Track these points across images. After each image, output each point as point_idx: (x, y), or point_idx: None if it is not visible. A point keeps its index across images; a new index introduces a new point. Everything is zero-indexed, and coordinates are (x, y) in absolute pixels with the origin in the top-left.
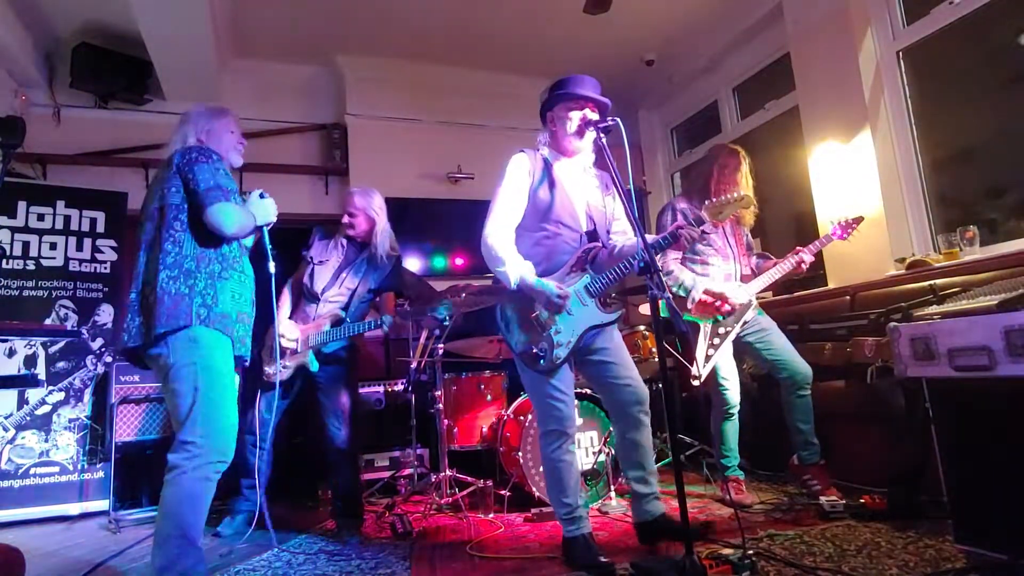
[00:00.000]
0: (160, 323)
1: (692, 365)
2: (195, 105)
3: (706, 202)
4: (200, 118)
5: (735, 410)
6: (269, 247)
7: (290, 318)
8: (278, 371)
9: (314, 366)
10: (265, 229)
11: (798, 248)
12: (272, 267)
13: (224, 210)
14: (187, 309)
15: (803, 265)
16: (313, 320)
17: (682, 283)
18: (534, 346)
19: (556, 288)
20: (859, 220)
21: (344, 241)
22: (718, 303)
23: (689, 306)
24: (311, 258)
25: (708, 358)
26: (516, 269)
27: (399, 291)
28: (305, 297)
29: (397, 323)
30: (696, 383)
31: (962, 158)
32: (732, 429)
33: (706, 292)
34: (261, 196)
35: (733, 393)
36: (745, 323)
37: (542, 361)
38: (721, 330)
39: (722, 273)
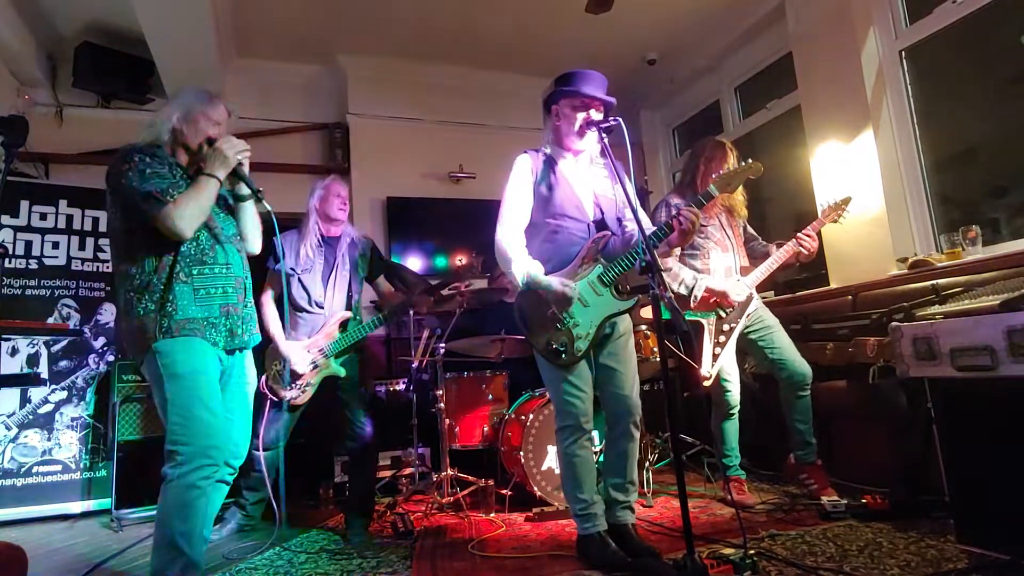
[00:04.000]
0: (132, 350)
1: (699, 366)
2: (186, 88)
3: (713, 175)
4: (184, 98)
5: (736, 410)
6: (250, 185)
7: (287, 338)
8: (300, 391)
9: (342, 372)
10: (240, 168)
11: (795, 235)
12: (268, 207)
13: (166, 217)
14: (150, 328)
15: (803, 244)
16: (320, 330)
17: (683, 281)
18: (554, 342)
19: (559, 284)
20: (847, 201)
21: (315, 243)
22: (719, 300)
23: (692, 304)
24: (292, 270)
25: (715, 357)
26: (523, 268)
27: (393, 275)
28: (302, 311)
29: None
30: (707, 383)
31: (965, 157)
32: (733, 429)
33: (707, 290)
34: (210, 143)
35: (734, 393)
36: (748, 315)
37: (564, 355)
38: (725, 327)
39: (722, 266)
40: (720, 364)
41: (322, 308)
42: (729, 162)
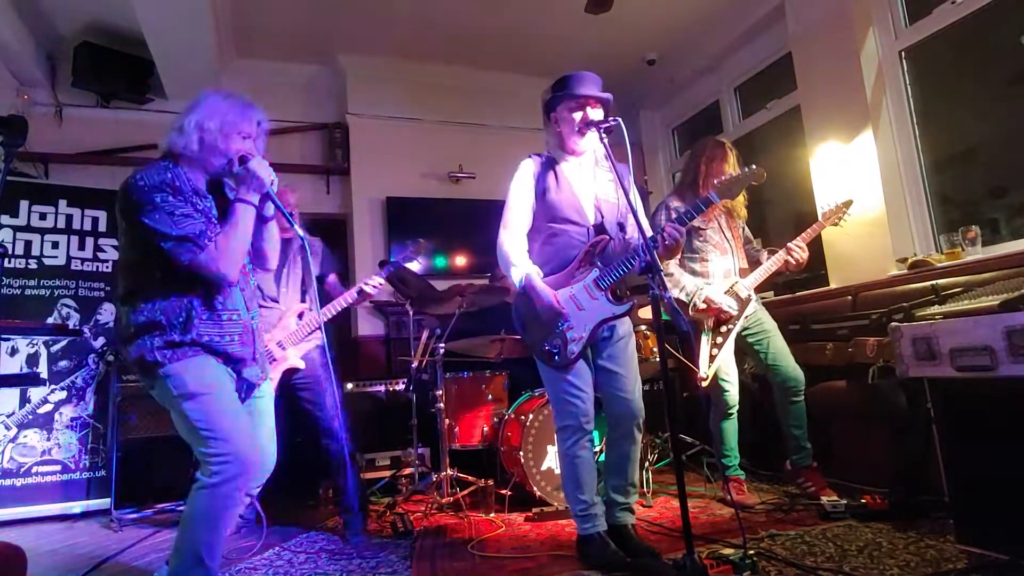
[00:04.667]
0: (141, 378)
1: (696, 366)
2: (212, 91)
3: (713, 178)
4: (217, 105)
5: (734, 410)
6: (283, 211)
7: None
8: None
9: (301, 364)
10: (272, 191)
11: (787, 247)
12: (302, 233)
13: (209, 263)
14: (155, 355)
15: (792, 256)
16: (276, 325)
17: (684, 287)
18: (547, 343)
19: (552, 302)
20: (848, 204)
21: None
22: (716, 314)
23: (690, 312)
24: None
25: (712, 358)
26: (521, 272)
27: (393, 274)
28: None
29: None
30: (704, 384)
31: (964, 158)
32: (732, 428)
33: (707, 300)
34: (244, 162)
35: (733, 393)
36: (746, 316)
37: (557, 357)
38: (723, 328)
39: (721, 268)
40: (717, 364)
41: (276, 302)
42: (729, 162)
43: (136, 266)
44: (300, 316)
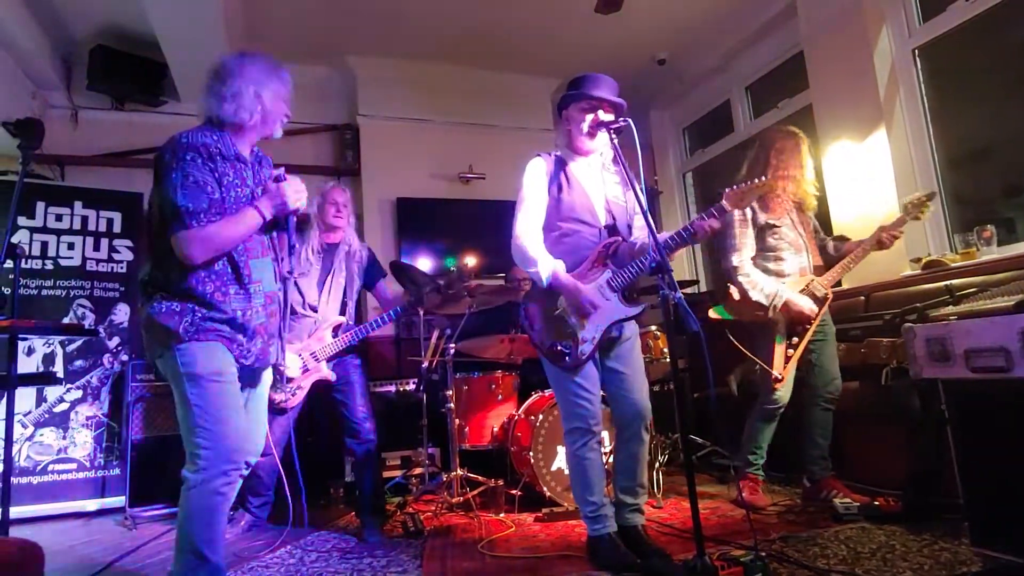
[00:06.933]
0: (151, 346)
1: (771, 367)
2: (238, 56)
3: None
4: (256, 74)
5: (781, 410)
6: (290, 241)
7: None
8: (289, 394)
9: (332, 376)
10: (292, 219)
11: (883, 228)
12: (292, 263)
13: (185, 241)
14: (173, 327)
15: (883, 242)
16: (313, 335)
17: (762, 289)
18: (559, 343)
19: (590, 297)
20: (931, 196)
21: (315, 249)
22: (795, 317)
23: (769, 314)
24: (288, 273)
25: (788, 358)
26: (548, 268)
27: (403, 275)
28: (295, 313)
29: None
30: (779, 385)
31: (979, 157)
32: (770, 429)
33: (787, 304)
34: (277, 180)
35: (785, 393)
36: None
37: (568, 358)
38: (799, 327)
39: (797, 267)
40: (793, 365)
41: (316, 312)
42: (802, 152)
43: (159, 228)
44: (336, 331)
